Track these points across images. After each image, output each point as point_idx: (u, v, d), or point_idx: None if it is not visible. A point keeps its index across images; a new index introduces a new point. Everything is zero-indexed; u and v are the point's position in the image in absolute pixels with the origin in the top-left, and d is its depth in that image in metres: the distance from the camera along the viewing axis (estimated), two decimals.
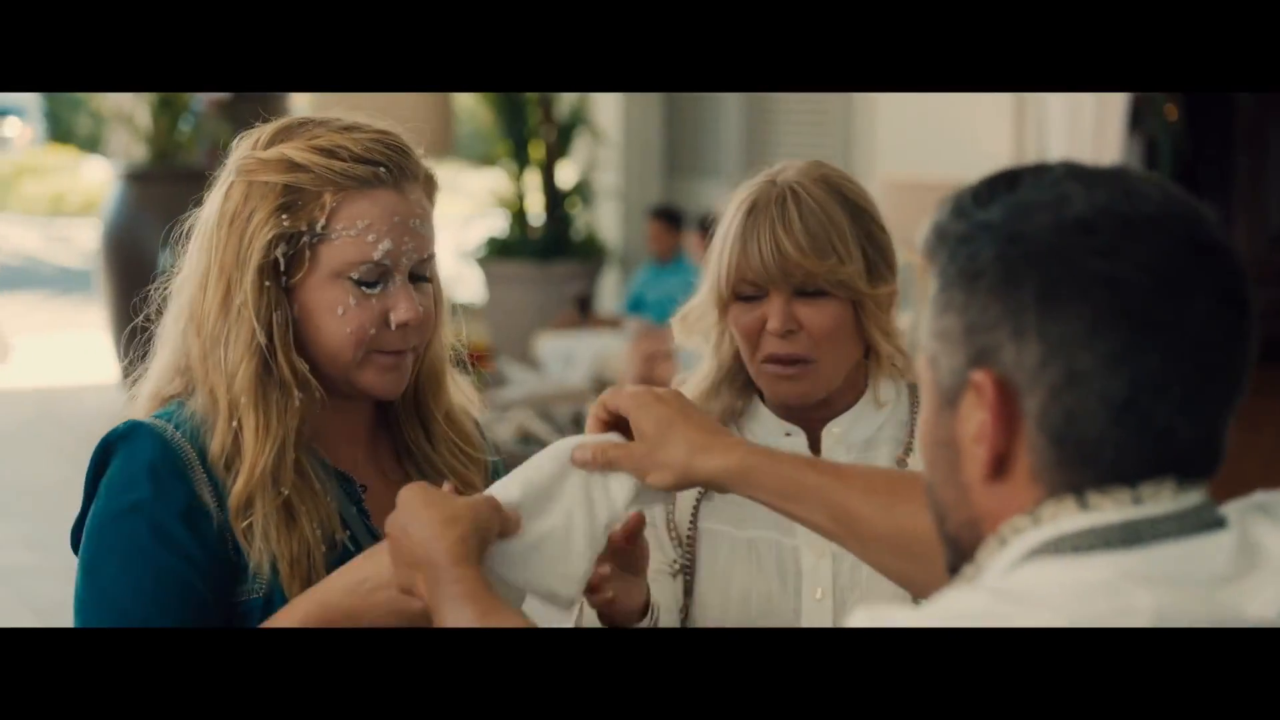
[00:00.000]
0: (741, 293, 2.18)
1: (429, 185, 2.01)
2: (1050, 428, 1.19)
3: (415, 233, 1.95)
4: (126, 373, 2.04)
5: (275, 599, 1.90)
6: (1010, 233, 1.20)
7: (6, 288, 17.92)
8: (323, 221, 1.92)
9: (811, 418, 2.24)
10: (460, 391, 2.14)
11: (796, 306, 2.16)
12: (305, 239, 1.92)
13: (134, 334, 2.11)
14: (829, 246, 2.14)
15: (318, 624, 1.83)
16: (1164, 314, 1.16)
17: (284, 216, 1.91)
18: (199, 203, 2.05)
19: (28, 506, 8.45)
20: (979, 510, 1.24)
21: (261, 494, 1.90)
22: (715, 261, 2.19)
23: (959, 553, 1.27)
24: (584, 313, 9.88)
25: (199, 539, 1.90)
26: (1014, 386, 1.19)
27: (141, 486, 1.91)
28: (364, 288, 1.93)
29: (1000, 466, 1.21)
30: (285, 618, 1.85)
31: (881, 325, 2.20)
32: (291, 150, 1.93)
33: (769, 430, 2.26)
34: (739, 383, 2.26)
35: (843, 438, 2.24)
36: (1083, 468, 1.19)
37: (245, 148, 1.98)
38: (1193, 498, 1.20)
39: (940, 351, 1.24)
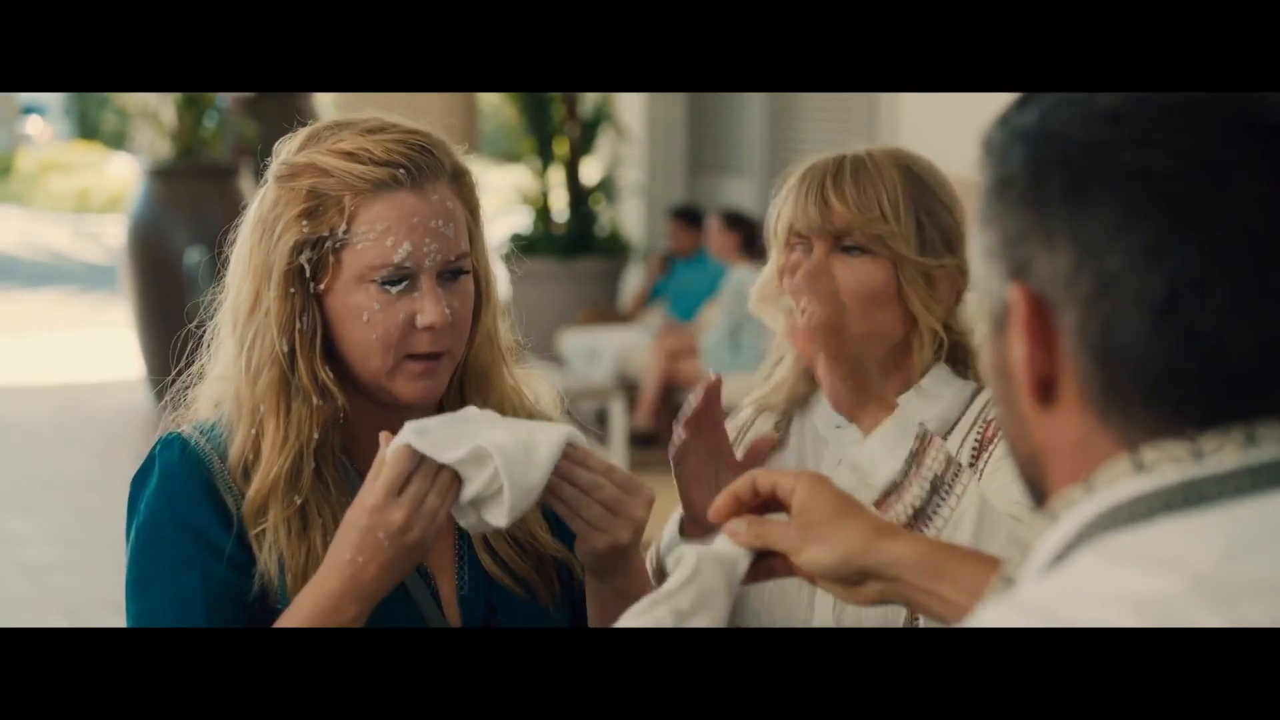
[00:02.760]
0: (792, 247, 2.19)
1: (460, 183, 1.97)
2: (1090, 342, 1.06)
3: (438, 233, 1.92)
4: (153, 373, 2.04)
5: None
6: (1039, 132, 1.10)
7: (33, 284, 17.99)
8: (343, 226, 1.90)
9: (859, 411, 2.20)
10: (521, 391, 2.10)
11: (834, 260, 2.15)
12: (328, 244, 1.90)
13: (169, 340, 2.11)
14: (874, 203, 2.14)
15: (327, 616, 1.81)
16: (1201, 199, 1.04)
17: (305, 223, 1.90)
18: (223, 199, 2.06)
19: (52, 502, 8.48)
20: (1036, 442, 1.12)
21: (275, 501, 1.90)
22: (773, 222, 2.22)
23: (1033, 492, 1.16)
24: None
25: (235, 542, 1.90)
26: (1049, 300, 1.08)
27: (177, 496, 1.91)
28: (389, 289, 1.90)
29: (1047, 391, 1.09)
30: (291, 618, 1.84)
31: (923, 297, 2.16)
32: (317, 155, 1.92)
33: (824, 421, 2.25)
34: (804, 368, 2.25)
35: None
36: (1131, 388, 1.06)
37: (281, 153, 1.97)
38: (1271, 449, 1.06)
39: (986, 272, 1.13)
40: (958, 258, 2.19)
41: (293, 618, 1.83)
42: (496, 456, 1.79)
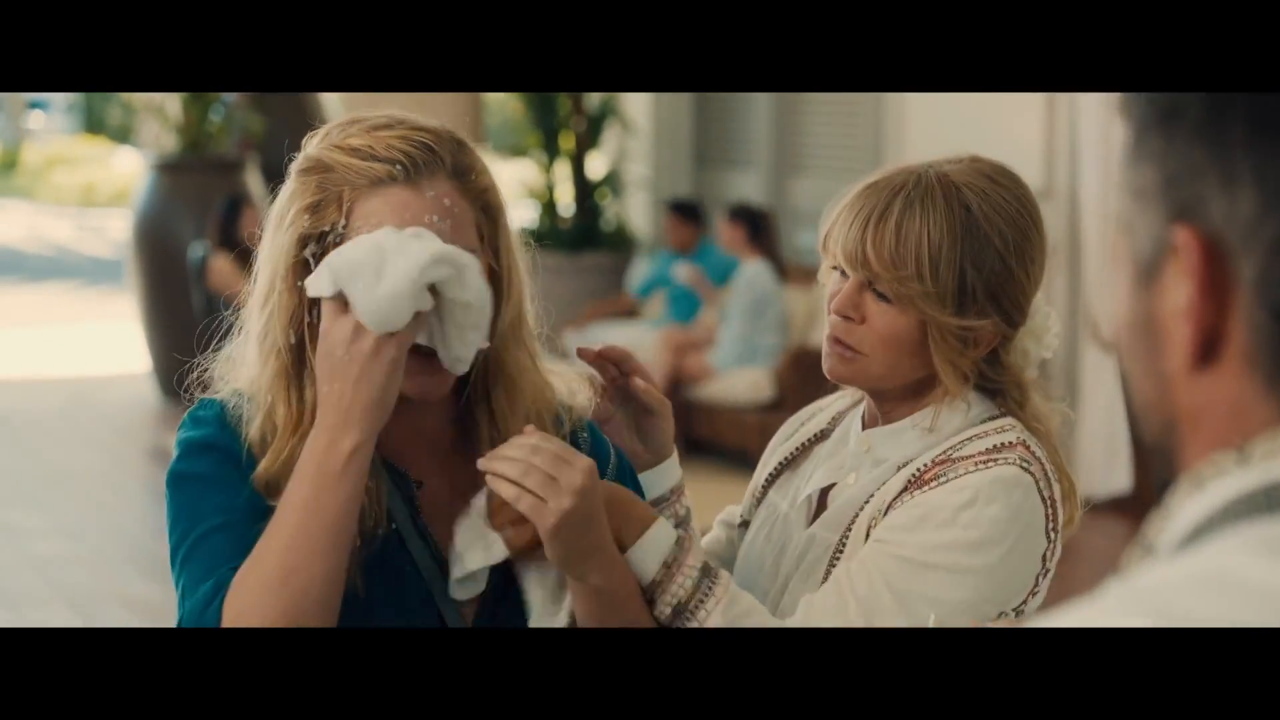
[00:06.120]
0: (835, 265, 2.13)
1: (464, 180, 1.96)
2: (1271, 297, 0.94)
3: (433, 229, 1.91)
4: (158, 366, 2.05)
5: None
6: None
7: (38, 278, 18.01)
8: (342, 221, 1.92)
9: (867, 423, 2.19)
10: (551, 386, 2.11)
11: (868, 297, 2.08)
12: (329, 238, 1.92)
13: (175, 333, 2.14)
14: (910, 257, 2.04)
15: (329, 449, 1.86)
16: None
17: (309, 217, 1.92)
18: (229, 193, 2.08)
19: (59, 495, 8.49)
20: (1180, 408, 1.00)
21: (285, 481, 1.90)
22: (821, 234, 2.17)
23: (1167, 464, 1.03)
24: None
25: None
26: (1226, 246, 0.95)
27: (213, 436, 1.96)
28: None
29: (1209, 349, 0.97)
30: (300, 468, 1.88)
31: (951, 354, 2.07)
32: (326, 150, 1.95)
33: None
34: None
35: (869, 453, 2.15)
36: None
37: (306, 146, 1.99)
38: None
39: (1135, 213, 1.01)
40: (1000, 311, 2.07)
41: (302, 467, 1.87)
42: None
